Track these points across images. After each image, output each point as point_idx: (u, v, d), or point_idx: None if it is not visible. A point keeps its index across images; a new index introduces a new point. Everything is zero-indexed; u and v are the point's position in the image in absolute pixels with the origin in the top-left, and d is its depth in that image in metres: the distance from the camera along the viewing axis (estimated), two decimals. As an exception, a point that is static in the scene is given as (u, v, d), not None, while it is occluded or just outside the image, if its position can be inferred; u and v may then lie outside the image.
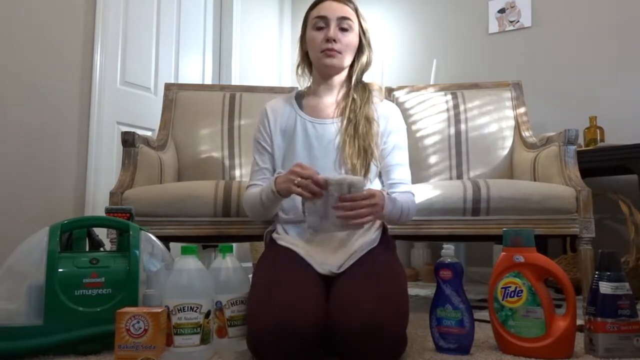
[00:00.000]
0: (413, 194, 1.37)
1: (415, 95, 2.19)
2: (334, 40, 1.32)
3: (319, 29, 1.35)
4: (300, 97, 1.44)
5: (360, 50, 1.39)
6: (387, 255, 1.24)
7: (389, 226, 1.37)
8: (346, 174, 1.28)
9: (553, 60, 2.88)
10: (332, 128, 1.35)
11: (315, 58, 1.38)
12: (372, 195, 1.15)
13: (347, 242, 1.24)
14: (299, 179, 1.15)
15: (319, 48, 1.34)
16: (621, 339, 1.10)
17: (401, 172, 1.38)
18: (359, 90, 1.39)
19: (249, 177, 1.43)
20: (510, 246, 1.19)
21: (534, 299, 1.13)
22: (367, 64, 1.42)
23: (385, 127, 1.38)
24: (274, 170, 1.38)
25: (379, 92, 1.42)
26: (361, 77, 1.42)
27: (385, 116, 1.39)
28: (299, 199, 1.26)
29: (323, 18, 1.34)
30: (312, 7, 1.39)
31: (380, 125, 1.37)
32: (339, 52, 1.34)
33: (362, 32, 1.39)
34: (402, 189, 1.35)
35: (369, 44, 1.40)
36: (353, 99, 1.36)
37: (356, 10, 1.38)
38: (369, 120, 1.34)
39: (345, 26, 1.34)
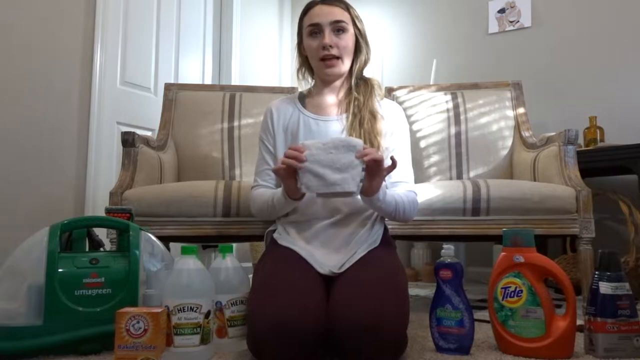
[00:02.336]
0: (415, 193, 1.35)
1: (415, 95, 2.19)
2: (330, 46, 1.33)
3: (314, 36, 1.35)
4: (303, 97, 1.45)
5: (357, 48, 1.39)
6: (387, 256, 1.24)
7: (389, 226, 1.37)
8: None
9: (553, 60, 2.88)
10: (337, 125, 1.36)
11: (315, 66, 1.39)
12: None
13: (348, 242, 1.24)
14: (283, 166, 1.14)
15: (317, 56, 1.35)
16: (621, 339, 1.10)
17: (403, 171, 1.37)
18: (360, 86, 1.40)
19: (254, 175, 1.43)
20: (510, 246, 1.19)
21: (533, 299, 1.13)
22: (366, 61, 1.42)
23: (388, 126, 1.38)
24: None
25: (378, 88, 1.42)
26: (361, 74, 1.43)
27: (388, 115, 1.39)
28: (307, 197, 1.24)
29: (316, 25, 1.34)
30: (304, 13, 1.40)
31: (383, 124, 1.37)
32: (338, 57, 1.34)
33: (358, 30, 1.39)
34: (404, 188, 1.34)
35: (365, 41, 1.41)
36: (356, 95, 1.37)
37: (348, 9, 1.38)
38: (373, 114, 1.35)
39: (339, 28, 1.34)
